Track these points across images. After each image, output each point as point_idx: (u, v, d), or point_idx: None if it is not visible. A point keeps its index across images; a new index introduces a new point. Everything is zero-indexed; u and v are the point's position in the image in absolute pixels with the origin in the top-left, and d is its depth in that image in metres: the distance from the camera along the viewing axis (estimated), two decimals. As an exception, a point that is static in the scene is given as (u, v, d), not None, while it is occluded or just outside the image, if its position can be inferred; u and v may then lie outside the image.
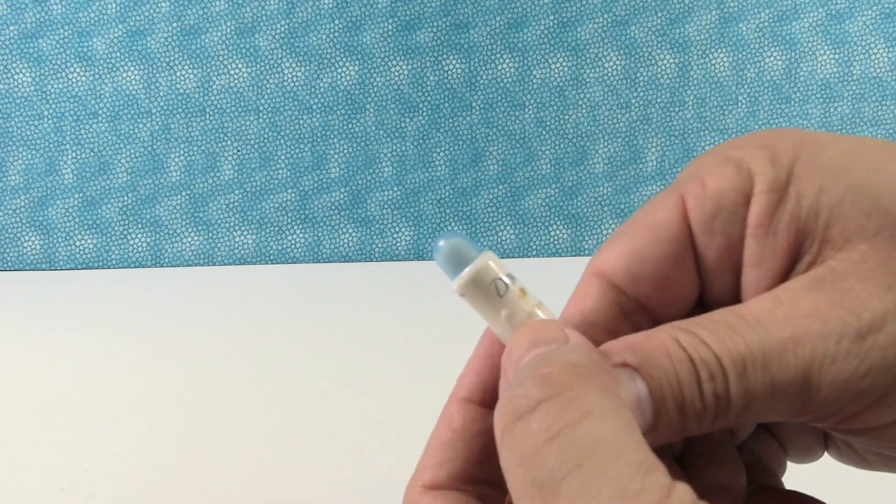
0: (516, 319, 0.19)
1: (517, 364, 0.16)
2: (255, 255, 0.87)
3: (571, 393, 0.14)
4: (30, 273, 0.85)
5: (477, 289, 0.19)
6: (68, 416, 0.45)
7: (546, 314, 0.19)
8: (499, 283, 0.19)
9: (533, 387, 0.15)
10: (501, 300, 0.19)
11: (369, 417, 0.44)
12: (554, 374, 0.15)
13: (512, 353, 0.17)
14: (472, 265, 0.19)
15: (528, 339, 0.17)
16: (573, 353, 0.15)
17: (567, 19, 0.84)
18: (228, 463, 0.39)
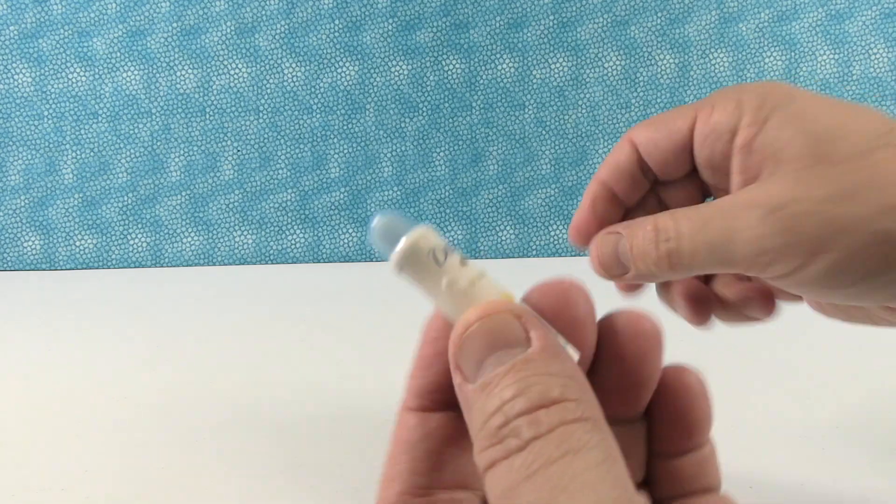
0: (458, 287, 0.18)
1: (479, 361, 0.16)
2: (255, 255, 0.87)
3: (555, 433, 0.15)
4: (30, 273, 0.85)
5: (414, 262, 0.18)
6: (68, 416, 0.45)
7: (488, 286, 0.18)
8: (437, 253, 0.18)
9: (524, 428, 0.15)
10: (441, 269, 0.18)
11: (369, 417, 0.44)
12: (542, 416, 0.15)
13: (469, 344, 0.17)
14: (406, 238, 0.18)
15: (485, 332, 0.17)
16: (554, 380, 0.16)
17: (567, 19, 0.84)
18: (228, 463, 0.39)
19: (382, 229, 0.18)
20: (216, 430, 0.43)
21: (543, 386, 0.15)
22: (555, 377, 0.16)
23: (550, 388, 0.15)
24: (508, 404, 0.15)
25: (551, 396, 0.15)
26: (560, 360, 0.16)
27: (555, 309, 0.18)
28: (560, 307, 0.18)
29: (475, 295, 0.18)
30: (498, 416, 0.15)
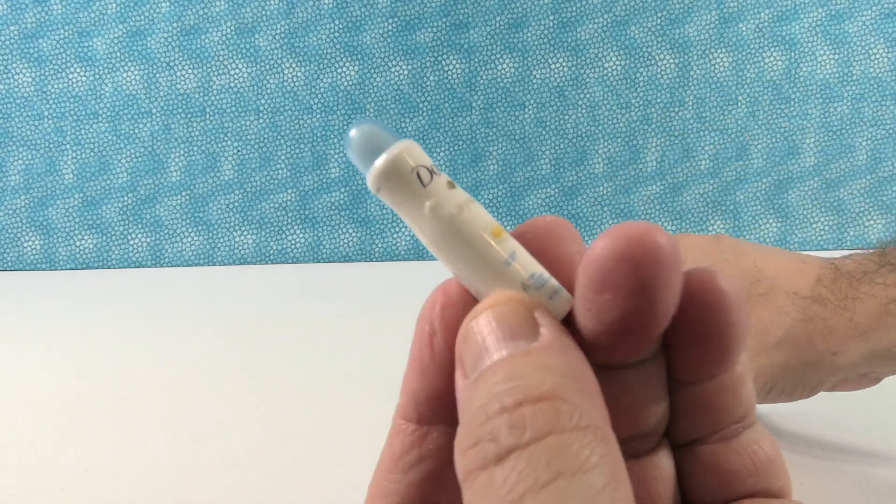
0: (442, 212, 0.16)
1: (480, 355, 0.14)
2: (255, 255, 0.87)
3: (543, 444, 0.12)
4: (30, 273, 0.85)
5: (395, 180, 0.16)
6: (68, 416, 0.45)
7: (477, 214, 0.16)
8: (421, 172, 0.16)
9: (503, 431, 0.13)
10: (424, 191, 0.16)
11: (369, 417, 0.43)
12: (528, 416, 0.13)
13: (472, 336, 0.15)
14: (387, 152, 0.16)
15: (491, 322, 0.15)
16: (549, 375, 0.13)
17: (567, 19, 0.84)
18: (228, 463, 0.39)
19: (361, 140, 0.16)
20: (216, 430, 0.43)
21: (535, 379, 0.13)
22: (553, 372, 0.13)
23: (541, 382, 0.13)
24: (493, 399, 0.13)
25: (540, 391, 0.13)
26: (565, 356, 0.14)
27: (541, 244, 0.16)
28: (546, 243, 0.16)
29: (462, 223, 0.16)
30: (479, 412, 0.13)
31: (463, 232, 0.16)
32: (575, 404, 0.13)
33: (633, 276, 0.14)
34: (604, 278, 0.14)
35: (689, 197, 0.87)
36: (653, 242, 0.13)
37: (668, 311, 0.14)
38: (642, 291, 0.14)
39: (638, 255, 0.13)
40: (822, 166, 0.86)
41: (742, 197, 0.86)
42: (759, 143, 0.86)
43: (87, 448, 0.41)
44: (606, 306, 0.14)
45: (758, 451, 0.16)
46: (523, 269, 0.15)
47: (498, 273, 0.15)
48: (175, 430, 0.43)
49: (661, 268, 0.14)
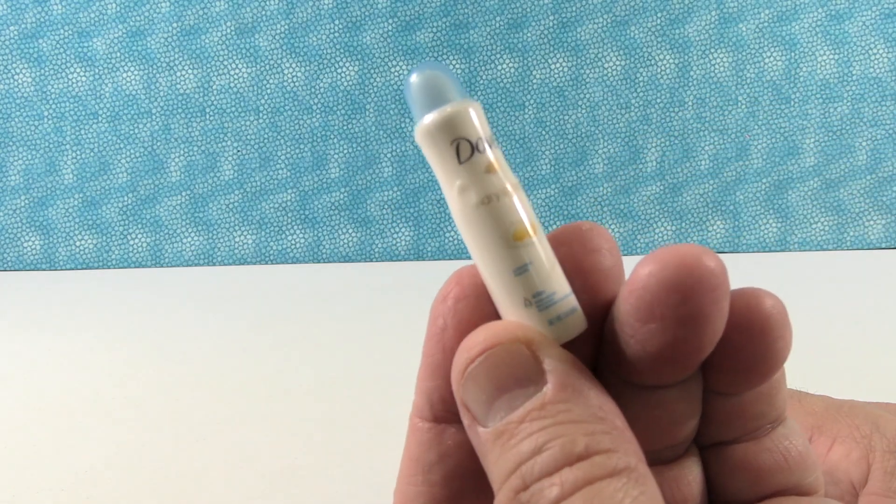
0: (468, 197, 0.14)
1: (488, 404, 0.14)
2: (255, 255, 0.87)
3: (579, 495, 0.12)
4: (30, 273, 0.85)
5: (433, 145, 0.14)
6: (68, 416, 0.45)
7: (501, 212, 0.14)
8: (462, 145, 0.14)
9: (545, 490, 0.12)
10: (460, 167, 0.14)
11: (369, 417, 0.43)
12: (566, 475, 0.12)
13: (473, 383, 0.14)
14: (439, 110, 0.14)
15: (491, 369, 0.14)
16: (577, 431, 0.13)
17: (567, 19, 0.84)
18: (228, 463, 0.39)
19: (420, 86, 0.15)
20: (216, 430, 0.43)
21: (567, 438, 0.13)
22: (580, 424, 0.13)
23: (576, 441, 0.13)
24: (527, 464, 0.13)
25: (577, 451, 0.13)
26: (584, 399, 0.13)
27: (576, 256, 0.15)
28: (580, 255, 0.15)
29: (483, 216, 0.14)
30: (515, 477, 0.13)
31: (481, 226, 0.14)
32: (609, 451, 0.13)
33: (683, 307, 0.13)
34: (650, 308, 0.13)
35: (689, 197, 0.87)
36: (704, 268, 0.13)
37: (715, 338, 0.14)
38: (691, 322, 0.13)
39: (688, 285, 0.13)
40: (822, 166, 0.86)
41: (742, 197, 0.86)
42: (759, 143, 0.86)
43: (87, 448, 0.41)
44: (652, 335, 0.13)
45: (789, 447, 0.16)
46: (530, 285, 0.14)
47: (504, 280, 0.14)
48: (175, 430, 0.43)
49: (713, 296, 0.13)
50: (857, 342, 0.54)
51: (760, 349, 0.14)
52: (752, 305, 0.14)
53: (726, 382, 0.15)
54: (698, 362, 0.14)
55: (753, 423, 0.15)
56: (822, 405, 0.23)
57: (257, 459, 0.39)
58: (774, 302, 0.14)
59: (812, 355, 0.52)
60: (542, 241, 0.15)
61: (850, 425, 0.22)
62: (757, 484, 0.16)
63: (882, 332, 0.56)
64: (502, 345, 0.14)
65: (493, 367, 0.14)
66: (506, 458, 0.13)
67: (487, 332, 0.14)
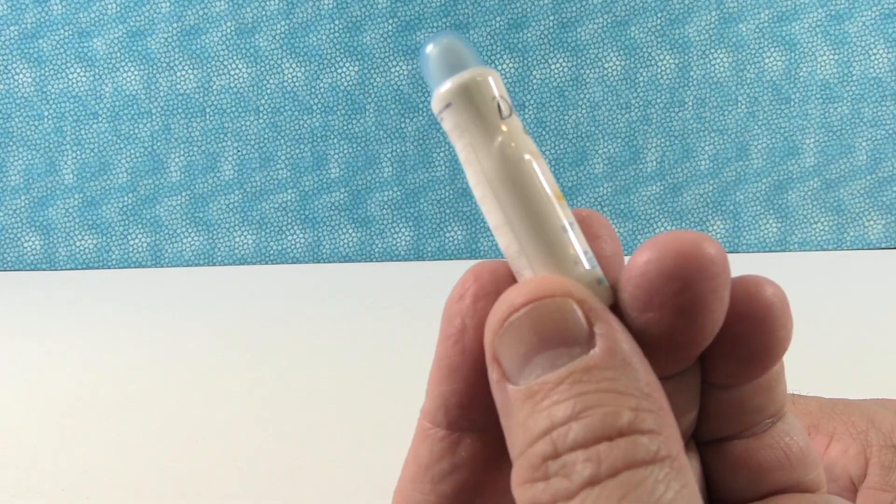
0: (509, 153, 0.14)
1: (525, 359, 0.13)
2: (255, 255, 0.87)
3: (618, 479, 0.11)
4: (30, 273, 0.85)
5: (473, 101, 0.14)
6: (68, 416, 0.45)
7: (543, 171, 0.14)
8: (502, 103, 0.14)
9: (577, 466, 0.11)
10: (502, 122, 0.14)
11: (369, 417, 0.43)
12: (603, 451, 0.11)
13: (513, 334, 0.13)
14: (472, 69, 0.14)
15: (536, 322, 0.13)
16: (622, 402, 0.12)
17: (567, 19, 0.84)
18: (228, 463, 0.39)
19: (443, 50, 0.14)
20: (216, 430, 0.43)
21: (610, 409, 0.12)
22: (625, 396, 0.12)
23: (619, 414, 0.12)
24: (560, 429, 0.12)
25: (618, 425, 0.11)
26: (632, 371, 0.12)
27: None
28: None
29: (530, 171, 0.14)
30: (545, 442, 0.12)
31: (529, 179, 0.14)
32: (653, 433, 0.12)
33: (682, 295, 0.12)
34: (648, 297, 0.13)
35: (689, 197, 0.87)
36: (704, 256, 0.12)
37: (716, 328, 0.13)
38: (691, 310, 0.12)
39: (688, 273, 0.12)
40: (822, 166, 0.86)
41: (742, 197, 0.86)
42: (759, 143, 0.86)
43: (87, 448, 0.41)
44: (650, 324, 0.13)
45: (790, 443, 0.15)
46: (578, 242, 0.14)
47: (551, 237, 0.14)
48: (175, 430, 0.43)
49: (712, 284, 0.12)
50: (857, 342, 0.54)
51: (761, 338, 0.14)
52: (753, 293, 0.14)
53: (725, 374, 0.14)
54: (697, 353, 0.14)
55: (753, 417, 0.15)
56: (816, 405, 0.23)
57: (257, 459, 0.39)
58: (775, 290, 0.14)
59: (812, 355, 0.52)
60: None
61: (847, 422, 0.22)
62: (757, 481, 0.15)
63: (882, 332, 0.56)
64: (553, 298, 0.13)
65: (538, 319, 0.13)
66: (535, 420, 0.12)
67: (536, 283, 0.13)
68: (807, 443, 0.15)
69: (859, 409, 0.23)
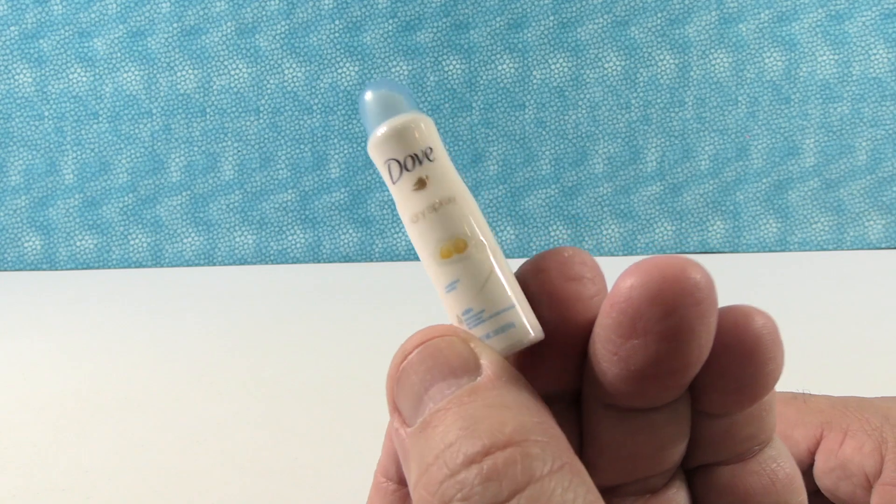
0: (403, 216, 0.14)
1: (418, 398, 0.13)
2: (255, 255, 0.87)
3: (525, 496, 0.11)
4: (30, 273, 0.85)
5: (376, 162, 0.14)
6: (68, 416, 0.45)
7: (433, 223, 0.14)
8: (392, 166, 0.14)
9: (476, 486, 0.11)
10: (394, 186, 0.14)
11: (369, 417, 0.43)
12: (500, 466, 0.11)
13: (407, 378, 0.13)
14: (372, 133, 0.14)
15: (426, 359, 0.13)
16: (507, 414, 0.12)
17: (567, 19, 0.85)
18: (228, 463, 0.39)
19: (368, 105, 0.14)
20: (216, 430, 0.43)
21: (495, 419, 0.12)
22: (508, 409, 0.12)
23: (503, 423, 0.12)
24: (451, 448, 0.12)
25: (505, 433, 0.11)
26: (516, 390, 0.12)
27: (555, 284, 0.14)
28: (559, 283, 0.14)
29: (413, 235, 0.14)
30: (438, 466, 0.12)
31: (415, 243, 0.14)
32: (543, 443, 0.11)
33: (666, 321, 0.12)
34: (632, 323, 0.13)
35: (689, 197, 0.87)
36: (689, 281, 0.12)
37: (703, 355, 0.13)
38: (677, 336, 0.12)
39: (672, 298, 0.12)
40: (822, 166, 0.86)
41: (742, 197, 0.86)
42: (759, 143, 0.86)
43: (87, 448, 0.41)
44: (635, 352, 0.13)
45: (777, 469, 0.15)
46: (458, 302, 0.14)
47: (441, 296, 0.14)
48: (175, 430, 0.43)
49: (698, 310, 0.12)
50: (858, 342, 0.54)
51: (750, 370, 0.14)
52: (742, 324, 0.13)
53: (715, 404, 0.14)
54: (686, 382, 0.14)
55: (742, 445, 0.15)
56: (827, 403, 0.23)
57: (257, 459, 0.39)
58: (765, 321, 0.14)
59: (812, 355, 0.52)
60: (477, 254, 0.14)
61: (860, 419, 0.22)
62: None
63: (882, 332, 0.56)
64: (440, 337, 0.13)
65: (428, 357, 0.13)
66: (428, 447, 0.12)
67: (425, 330, 0.14)
68: (793, 468, 0.15)
69: (872, 405, 0.23)
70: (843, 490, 0.22)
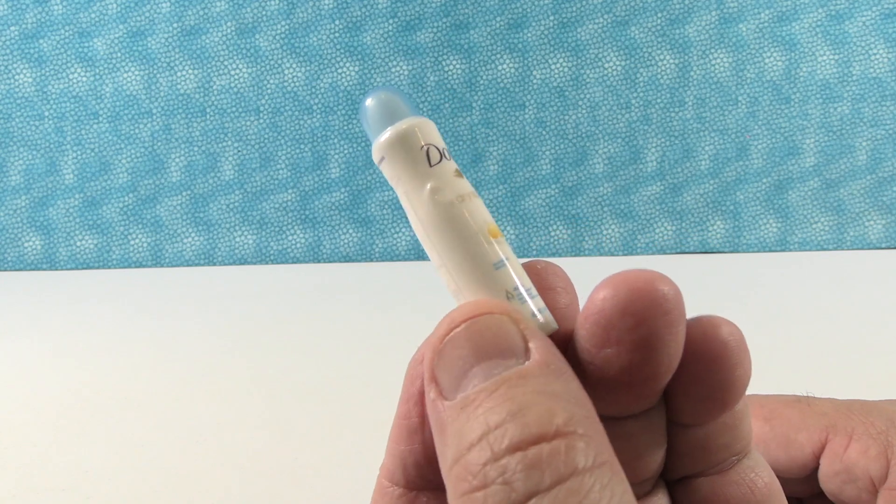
0: (441, 198, 0.15)
1: (462, 372, 0.13)
2: (255, 255, 0.87)
3: (564, 487, 0.11)
4: (30, 273, 0.85)
5: (402, 152, 0.15)
6: (68, 417, 0.45)
7: (477, 209, 0.14)
8: (431, 151, 0.15)
9: (518, 473, 0.11)
10: (431, 170, 0.15)
11: (369, 417, 0.43)
12: (545, 457, 0.11)
13: (451, 350, 0.13)
14: (402, 122, 0.15)
15: (474, 336, 0.13)
16: (557, 404, 0.12)
17: (567, 19, 0.85)
18: (228, 463, 0.39)
19: (376, 106, 0.15)
20: (216, 430, 0.43)
21: (544, 408, 0.12)
22: (559, 399, 0.12)
23: (554, 412, 0.12)
24: (495, 432, 0.12)
25: (555, 423, 0.11)
26: (565, 380, 0.13)
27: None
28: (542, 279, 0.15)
29: (459, 213, 0.15)
30: (481, 447, 0.12)
31: (459, 222, 0.15)
32: (589, 437, 0.12)
33: (637, 330, 0.13)
34: (605, 333, 0.13)
35: (689, 197, 0.87)
36: (657, 293, 0.13)
37: (673, 364, 0.14)
38: (647, 345, 0.13)
39: (641, 308, 0.13)
40: (822, 166, 0.86)
41: (742, 197, 0.86)
42: (759, 143, 0.86)
43: (87, 448, 0.41)
44: (608, 360, 0.13)
45: (755, 479, 0.16)
46: (510, 278, 0.14)
47: (485, 274, 0.14)
48: (175, 430, 0.43)
49: (667, 320, 0.13)
50: (858, 342, 0.54)
51: (718, 377, 0.14)
52: (709, 333, 0.14)
53: (688, 413, 0.15)
54: (658, 389, 0.14)
55: (719, 455, 0.15)
56: (831, 406, 0.23)
57: (257, 459, 0.39)
58: (731, 329, 0.14)
59: (812, 355, 0.52)
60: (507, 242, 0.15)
61: (865, 422, 0.22)
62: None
63: (882, 332, 0.56)
64: (491, 314, 0.13)
65: (476, 333, 0.13)
66: (471, 426, 0.12)
67: (475, 303, 0.14)
68: (771, 478, 0.16)
69: (877, 408, 0.23)
70: (848, 494, 0.22)
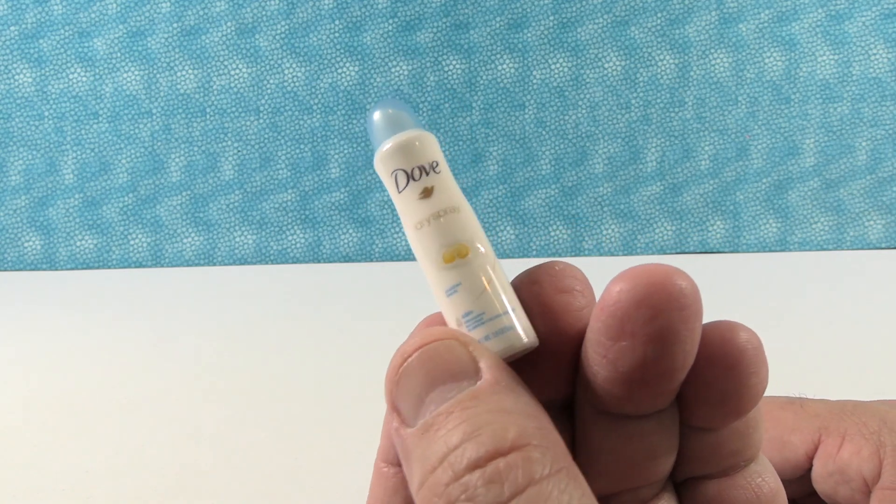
0: (406, 223, 0.15)
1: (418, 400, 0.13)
2: (255, 255, 0.87)
3: (524, 497, 0.12)
4: (30, 273, 0.85)
5: (382, 175, 0.16)
6: (68, 417, 0.45)
7: (436, 229, 0.15)
8: (399, 176, 0.15)
9: (480, 488, 0.12)
10: (399, 196, 0.15)
11: (369, 417, 0.43)
12: (503, 470, 0.12)
13: (406, 380, 0.14)
14: (386, 142, 0.15)
15: (426, 363, 0.14)
16: (509, 419, 0.12)
17: (567, 19, 0.85)
18: (228, 463, 0.39)
19: (375, 121, 0.16)
20: (216, 430, 0.43)
21: (498, 425, 0.12)
22: (511, 414, 0.13)
23: (506, 429, 0.12)
24: (456, 452, 0.12)
25: (509, 439, 0.12)
26: (515, 395, 0.13)
27: (547, 297, 0.15)
28: (552, 296, 0.15)
29: (415, 241, 0.15)
30: (443, 468, 0.12)
31: (417, 249, 0.15)
32: (543, 447, 0.12)
33: (652, 323, 0.13)
34: (620, 325, 0.13)
35: (689, 197, 0.87)
36: (674, 286, 0.13)
37: (687, 361, 0.14)
38: (662, 339, 0.13)
39: (658, 301, 0.13)
40: (822, 166, 0.86)
41: (742, 197, 0.86)
42: (759, 143, 0.86)
43: (87, 449, 0.41)
44: (623, 354, 0.13)
45: (761, 484, 0.16)
46: (459, 305, 0.15)
47: (440, 300, 0.15)
48: (175, 431, 0.43)
49: (683, 315, 0.13)
50: (857, 342, 0.54)
51: (733, 383, 0.14)
52: (727, 338, 0.14)
53: (702, 417, 0.15)
54: (672, 388, 0.14)
55: (729, 460, 0.15)
56: (824, 407, 0.24)
57: (257, 459, 0.39)
58: (749, 336, 0.14)
59: (812, 356, 0.52)
60: (477, 260, 0.15)
61: (858, 423, 0.22)
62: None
63: (882, 332, 0.56)
64: (440, 341, 0.14)
65: (427, 360, 0.14)
66: (432, 450, 0.13)
67: (424, 332, 0.14)
68: (777, 484, 0.16)
69: (870, 409, 0.23)
70: (841, 494, 0.22)
